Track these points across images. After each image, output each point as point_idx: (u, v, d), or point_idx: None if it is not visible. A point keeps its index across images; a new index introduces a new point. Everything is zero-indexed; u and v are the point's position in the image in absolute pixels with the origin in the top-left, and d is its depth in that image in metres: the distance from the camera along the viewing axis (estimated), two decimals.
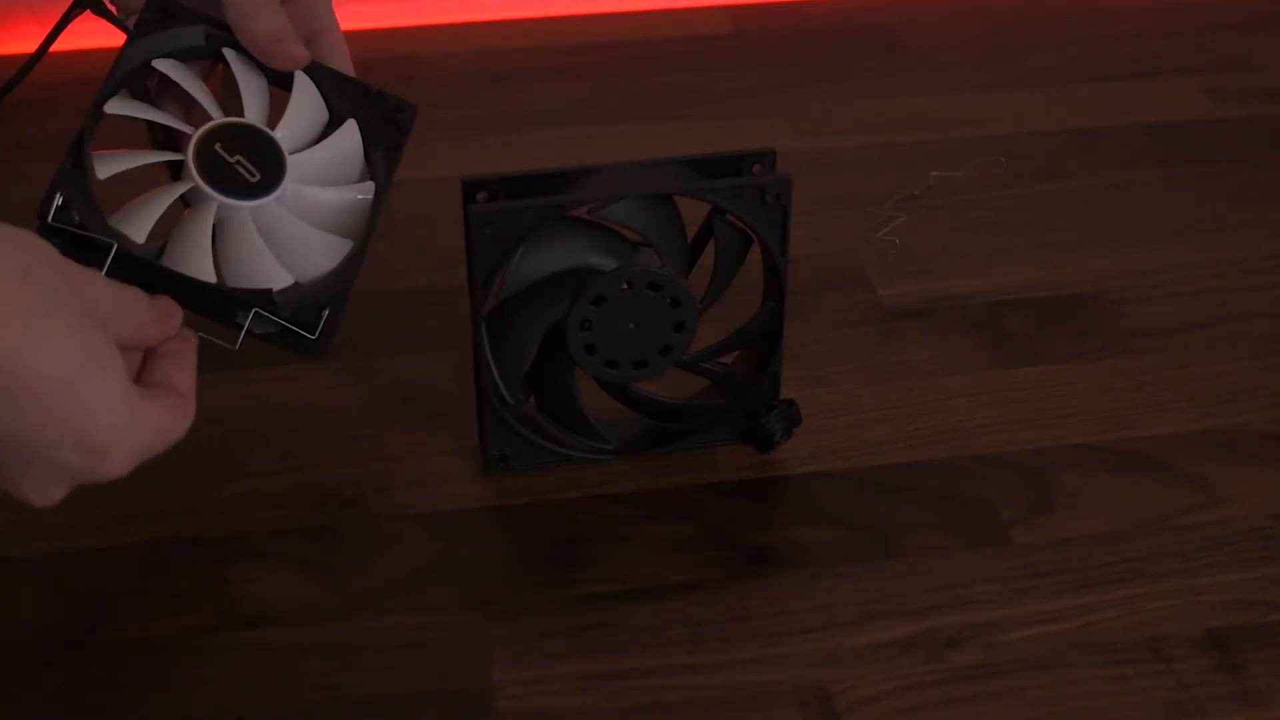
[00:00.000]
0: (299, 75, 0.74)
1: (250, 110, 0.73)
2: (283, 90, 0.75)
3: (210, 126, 0.72)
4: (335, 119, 0.76)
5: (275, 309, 0.70)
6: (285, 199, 0.72)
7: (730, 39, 1.24)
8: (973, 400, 0.88)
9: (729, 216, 0.79)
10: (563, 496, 0.82)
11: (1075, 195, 1.05)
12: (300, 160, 0.73)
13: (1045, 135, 1.11)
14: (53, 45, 0.75)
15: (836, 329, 0.93)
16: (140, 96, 0.74)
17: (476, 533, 0.81)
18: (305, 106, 0.75)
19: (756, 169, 0.80)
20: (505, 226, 0.76)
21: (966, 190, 1.05)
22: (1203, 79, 1.18)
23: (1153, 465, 0.85)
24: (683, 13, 1.26)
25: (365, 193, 0.74)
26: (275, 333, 0.72)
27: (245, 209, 0.71)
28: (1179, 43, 1.22)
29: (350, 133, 0.75)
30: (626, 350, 0.80)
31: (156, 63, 0.73)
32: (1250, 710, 0.72)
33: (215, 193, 0.71)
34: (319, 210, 0.73)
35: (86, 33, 0.76)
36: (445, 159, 1.02)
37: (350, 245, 0.73)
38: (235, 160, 0.71)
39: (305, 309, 0.71)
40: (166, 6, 0.74)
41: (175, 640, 0.75)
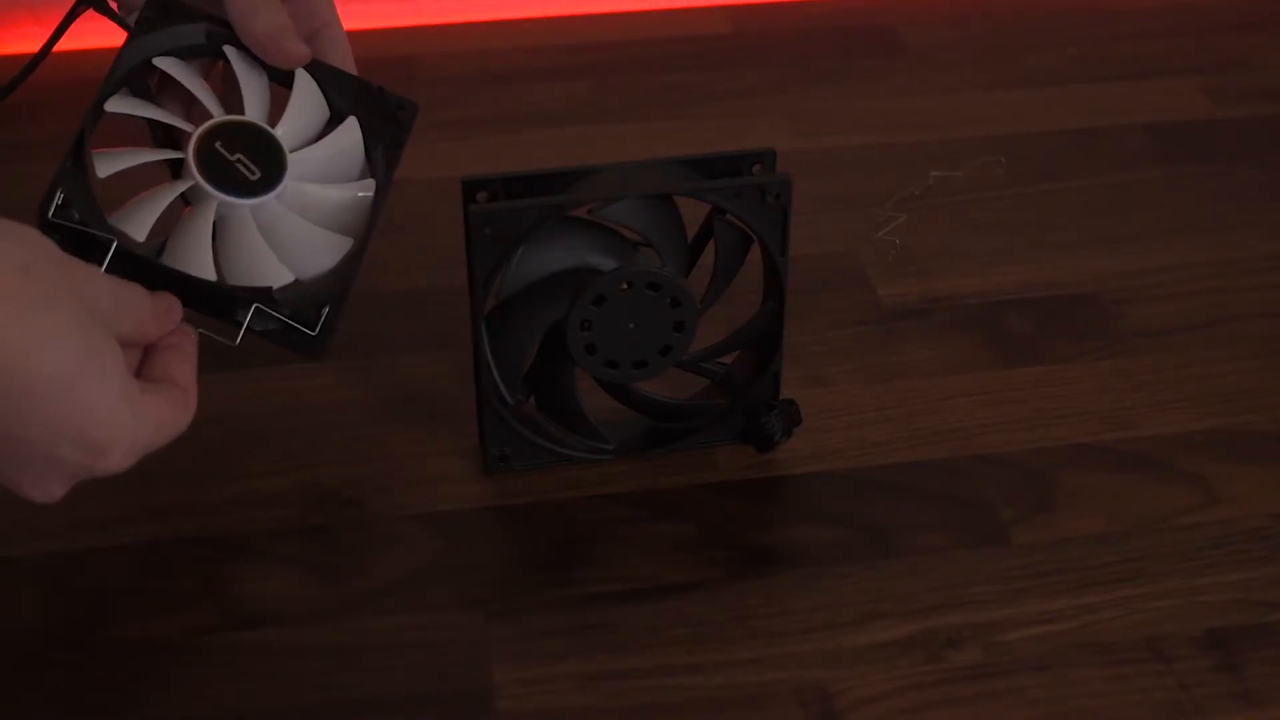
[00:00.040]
0: (300, 73, 0.74)
1: (251, 108, 0.73)
2: (284, 88, 0.75)
3: (210, 124, 0.72)
4: (336, 116, 0.76)
5: (275, 306, 0.70)
6: (286, 197, 0.72)
7: (730, 39, 1.24)
8: (973, 400, 0.88)
9: (729, 216, 0.79)
10: (563, 496, 0.82)
11: (1075, 195, 1.05)
12: (301, 158, 0.73)
13: (1045, 135, 1.11)
14: (60, 37, 0.75)
15: (836, 329, 0.93)
16: (141, 94, 0.74)
17: (476, 533, 0.81)
18: (306, 104, 0.75)
19: (756, 169, 0.80)
20: (505, 226, 0.76)
21: (966, 190, 1.05)
22: (1203, 79, 1.18)
23: (1153, 465, 0.85)
24: (683, 13, 1.26)
25: (366, 190, 0.74)
26: (276, 330, 0.72)
27: (245, 207, 0.71)
28: (1179, 43, 1.22)
29: (351, 130, 0.75)
30: (626, 350, 0.80)
31: (157, 61, 0.73)
32: (1250, 710, 0.72)
33: (215, 191, 0.71)
34: (319, 208, 0.73)
35: (88, 32, 0.76)
36: (445, 159, 1.02)
37: (351, 243, 0.73)
38: (236, 158, 0.71)
39: (305, 306, 0.71)
40: (167, 4, 0.74)
41: (175, 640, 0.75)
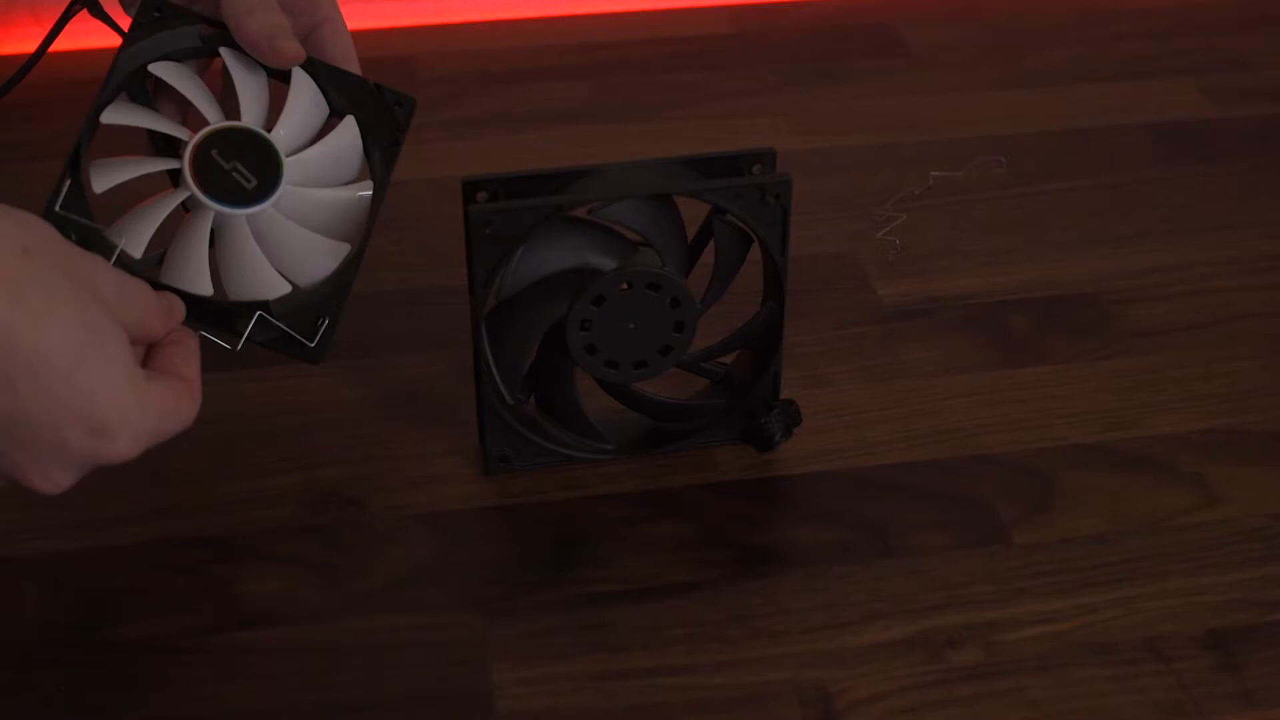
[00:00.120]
0: (296, 72, 0.74)
1: (247, 111, 0.73)
2: (284, 84, 0.75)
3: (206, 133, 0.71)
4: (333, 114, 0.76)
5: (274, 318, 0.70)
6: (283, 203, 0.72)
7: (730, 39, 1.24)
8: (973, 400, 0.88)
9: (729, 216, 0.79)
10: (563, 496, 0.82)
11: (1075, 195, 1.05)
12: (298, 161, 0.73)
13: (1045, 135, 1.11)
14: (51, 45, 0.75)
15: (836, 329, 0.93)
16: (138, 98, 0.74)
17: (476, 533, 0.81)
18: (303, 104, 0.74)
19: (756, 169, 0.80)
20: (505, 226, 0.76)
21: (966, 190, 1.05)
22: (1203, 79, 1.18)
23: (1152, 465, 0.85)
24: (683, 13, 1.26)
25: (364, 191, 0.74)
26: (275, 338, 0.72)
27: (242, 216, 0.71)
28: (1179, 43, 1.22)
29: (348, 129, 0.75)
30: (626, 350, 0.80)
31: (152, 67, 0.73)
32: (1250, 710, 0.72)
33: (212, 202, 0.70)
34: (318, 211, 0.73)
35: (85, 33, 0.76)
36: (445, 159, 1.02)
37: (348, 248, 0.73)
38: (231, 167, 0.71)
39: (303, 316, 0.71)
40: (161, 7, 0.73)
41: (175, 640, 0.75)
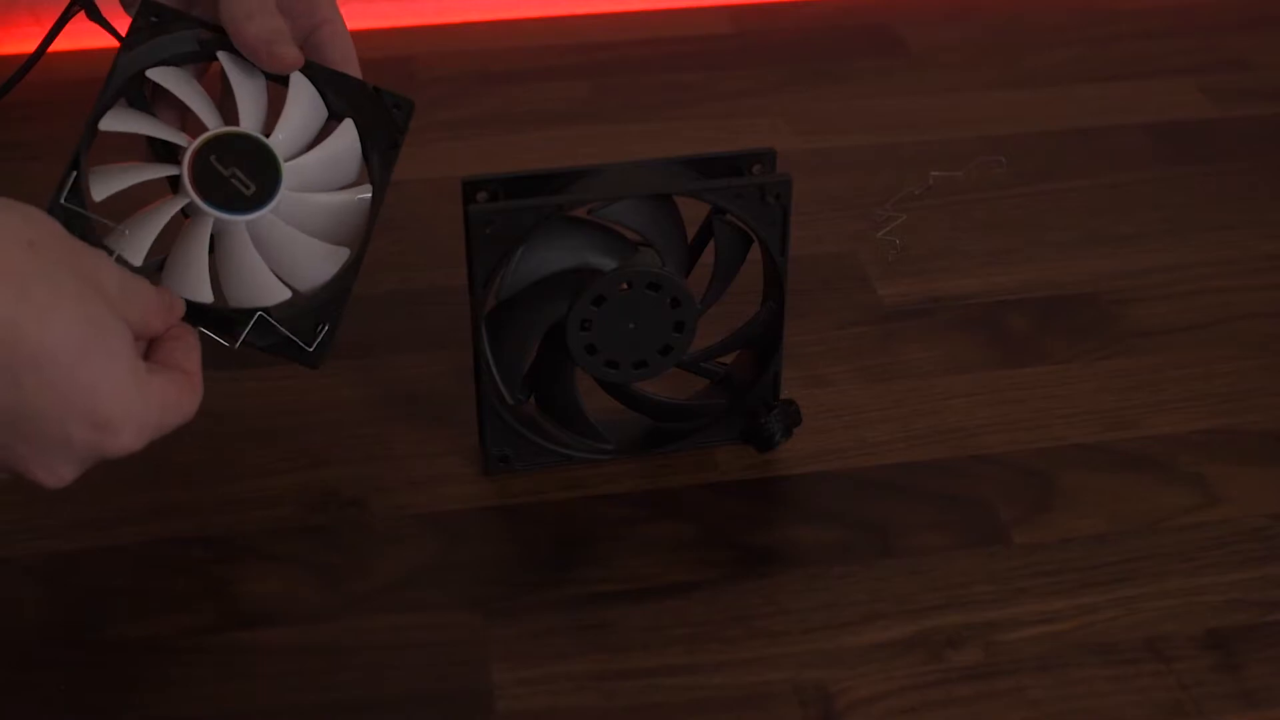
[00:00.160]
0: (295, 76, 0.74)
1: (246, 115, 0.73)
2: (282, 88, 0.75)
3: (205, 139, 0.71)
4: (332, 117, 0.75)
5: (273, 324, 0.70)
6: (282, 208, 0.72)
7: (730, 39, 1.24)
8: (973, 400, 0.88)
9: (729, 216, 0.79)
10: (563, 496, 0.82)
11: (1075, 195, 1.05)
12: (296, 165, 0.73)
13: (1045, 135, 1.11)
14: (51, 45, 0.75)
15: (836, 329, 0.93)
16: (136, 103, 0.74)
17: (476, 533, 0.81)
18: (301, 108, 0.74)
19: (756, 169, 0.80)
20: (505, 226, 0.76)
21: (966, 190, 1.05)
22: (1203, 79, 1.18)
23: (1152, 465, 0.85)
24: (683, 13, 1.26)
25: (363, 195, 0.74)
26: (274, 343, 0.72)
27: (241, 223, 0.71)
28: (1179, 43, 1.22)
29: (347, 133, 0.75)
30: (626, 350, 0.80)
31: (150, 73, 0.73)
32: (1250, 710, 0.72)
33: (211, 209, 0.70)
34: (317, 215, 0.73)
35: (84, 33, 0.76)
36: (445, 159, 1.02)
37: (347, 253, 0.73)
38: (230, 173, 0.71)
39: (303, 322, 0.71)
40: (159, 12, 0.73)
41: (175, 640, 0.75)
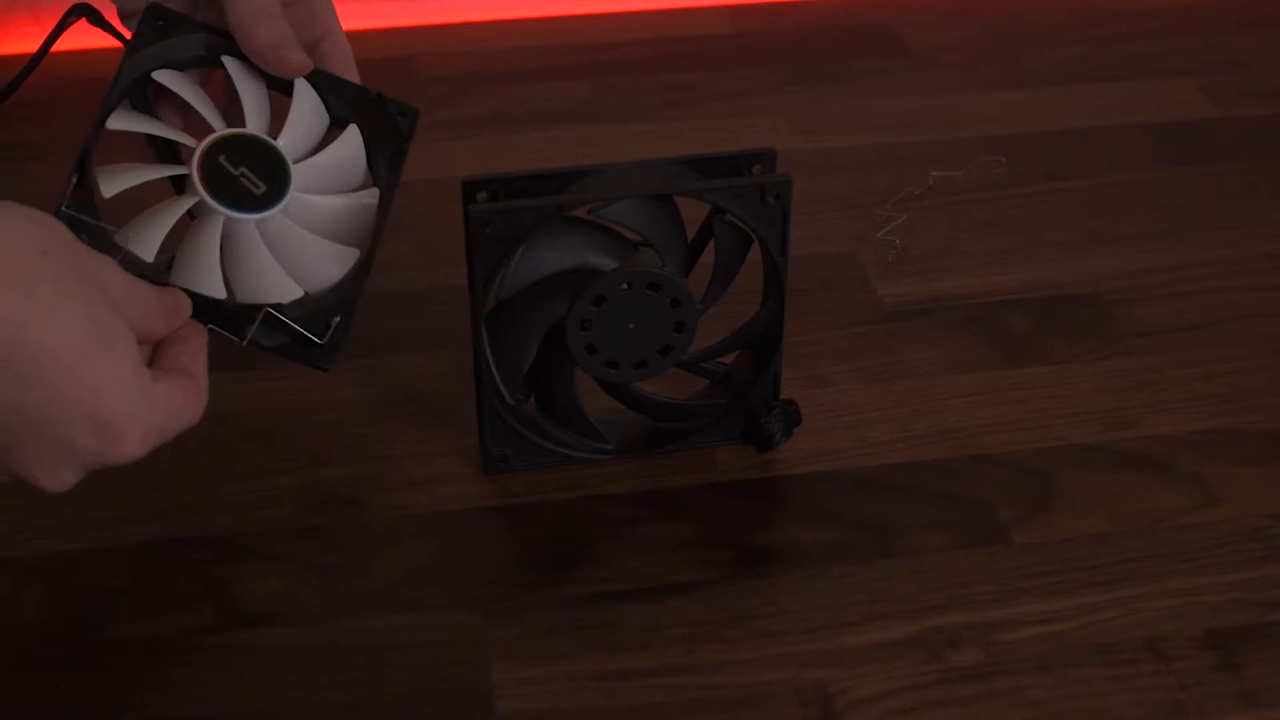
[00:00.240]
0: (299, 82, 0.74)
1: (252, 119, 0.73)
2: (283, 95, 0.75)
3: (214, 139, 0.71)
4: (336, 124, 0.76)
5: (284, 316, 0.70)
6: (290, 209, 0.72)
7: (730, 39, 1.24)
8: (973, 400, 0.88)
9: (729, 216, 0.79)
10: (563, 496, 0.82)
11: (1075, 195, 1.05)
12: (303, 169, 0.73)
13: (1045, 135, 1.11)
14: (50, 46, 0.75)
15: (836, 329, 0.93)
16: (139, 106, 0.74)
17: (476, 533, 0.81)
18: (307, 114, 0.74)
19: (756, 169, 0.80)
20: (505, 226, 0.76)
21: (966, 190, 1.05)
22: (1203, 79, 1.18)
23: (1152, 465, 0.85)
24: (683, 13, 1.26)
25: (370, 199, 0.74)
26: (284, 344, 0.72)
27: (251, 222, 0.71)
28: (1179, 43, 1.22)
29: (352, 138, 0.75)
30: (626, 350, 0.80)
31: (156, 75, 0.73)
32: (1250, 710, 0.72)
33: (222, 207, 0.70)
34: (325, 218, 0.73)
35: (85, 33, 0.76)
36: (445, 159, 1.02)
37: (356, 255, 0.73)
38: (240, 173, 0.71)
39: (313, 323, 0.71)
40: (165, 16, 0.73)
41: (175, 640, 0.75)
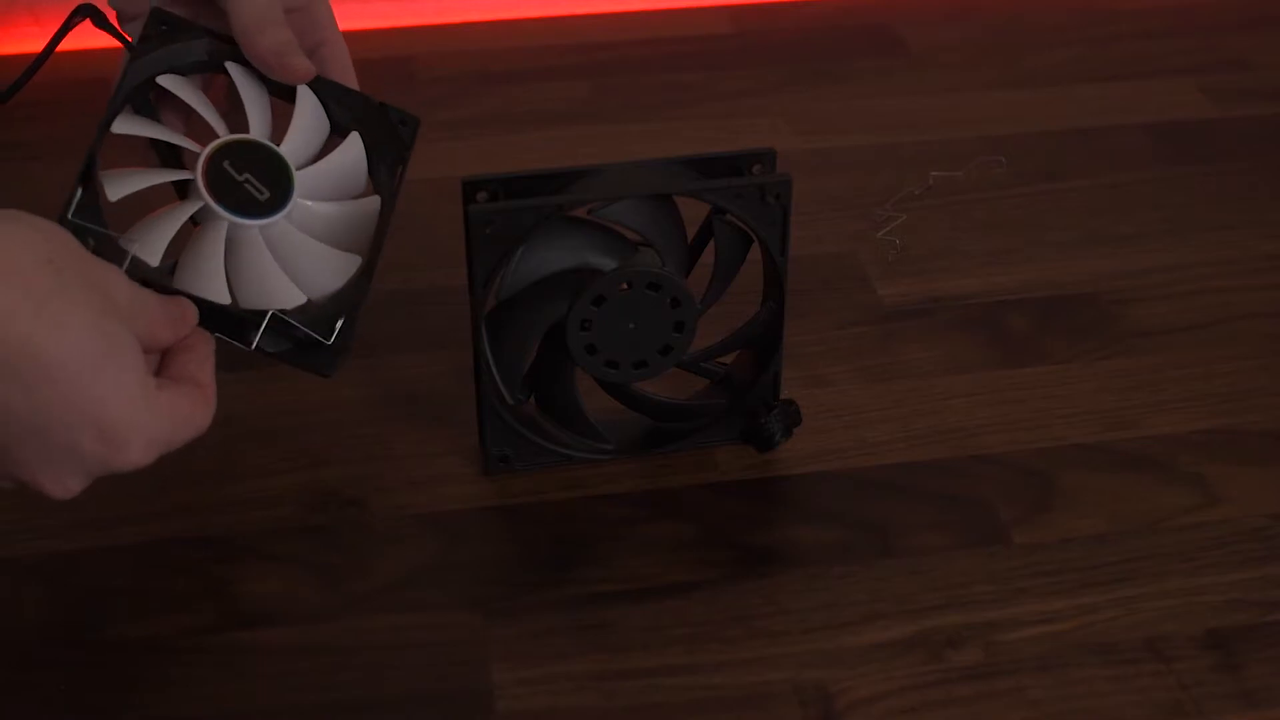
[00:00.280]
0: (301, 89, 0.74)
1: (255, 125, 0.73)
2: (282, 102, 0.75)
3: (218, 144, 0.72)
4: (337, 131, 0.76)
5: (290, 321, 0.70)
6: (293, 215, 0.72)
7: (730, 39, 1.24)
8: (973, 400, 0.88)
9: (729, 216, 0.79)
10: (563, 496, 0.82)
11: (1075, 195, 1.05)
12: (306, 175, 0.73)
13: (1045, 135, 1.11)
14: (56, 46, 0.75)
15: (836, 329, 0.93)
16: (142, 110, 0.74)
17: (476, 533, 0.81)
18: (309, 120, 0.74)
19: (756, 169, 0.80)
20: (505, 226, 0.76)
21: (966, 190, 1.05)
22: (1203, 79, 1.18)
23: (1152, 465, 0.85)
24: (683, 13, 1.26)
25: (372, 206, 0.74)
26: (289, 350, 0.72)
27: (255, 228, 0.71)
28: (1179, 43, 1.22)
29: (354, 146, 0.75)
30: (626, 350, 0.80)
31: (160, 79, 0.73)
32: (1250, 710, 0.72)
33: (226, 213, 0.71)
34: (327, 225, 0.73)
35: (86, 33, 0.76)
36: (445, 159, 1.02)
37: (358, 261, 0.73)
38: (244, 178, 0.71)
39: (317, 325, 0.71)
40: (169, 21, 0.74)
41: (175, 640, 0.75)
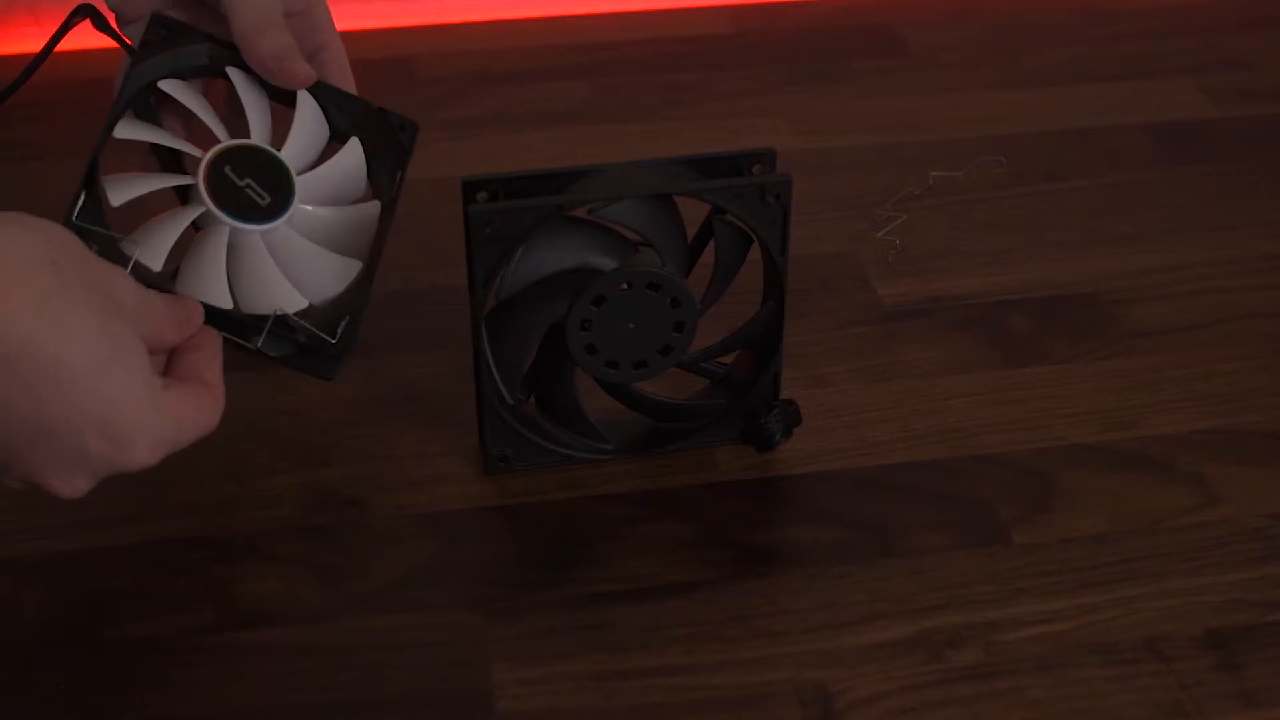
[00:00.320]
0: (301, 94, 0.74)
1: (255, 130, 0.73)
2: (282, 107, 0.75)
3: (219, 149, 0.72)
4: (336, 136, 0.76)
5: (292, 325, 0.70)
6: (294, 220, 0.72)
7: (730, 39, 1.24)
8: (973, 400, 0.88)
9: (729, 216, 0.79)
10: (563, 496, 0.82)
11: (1075, 195, 1.05)
12: (306, 180, 0.73)
13: (1045, 135, 1.11)
14: (55, 46, 0.75)
15: (836, 329, 0.93)
16: (142, 114, 0.74)
17: (476, 533, 0.81)
18: (309, 125, 0.75)
19: (756, 169, 0.80)
20: (505, 226, 0.76)
21: (966, 190, 1.05)
22: (1203, 79, 1.18)
23: (1152, 465, 0.85)
24: (683, 13, 1.26)
25: (372, 211, 0.75)
26: (292, 354, 0.72)
27: (257, 233, 0.71)
28: (1179, 43, 1.22)
29: (354, 151, 0.75)
30: (626, 350, 0.80)
31: (162, 84, 0.73)
32: (1250, 710, 0.72)
33: (228, 218, 0.71)
34: (328, 230, 0.74)
35: (85, 34, 0.76)
36: (445, 159, 1.01)
37: (359, 265, 0.73)
38: (245, 184, 0.71)
39: (321, 328, 0.71)
40: (169, 26, 0.74)
41: (175, 640, 0.75)
